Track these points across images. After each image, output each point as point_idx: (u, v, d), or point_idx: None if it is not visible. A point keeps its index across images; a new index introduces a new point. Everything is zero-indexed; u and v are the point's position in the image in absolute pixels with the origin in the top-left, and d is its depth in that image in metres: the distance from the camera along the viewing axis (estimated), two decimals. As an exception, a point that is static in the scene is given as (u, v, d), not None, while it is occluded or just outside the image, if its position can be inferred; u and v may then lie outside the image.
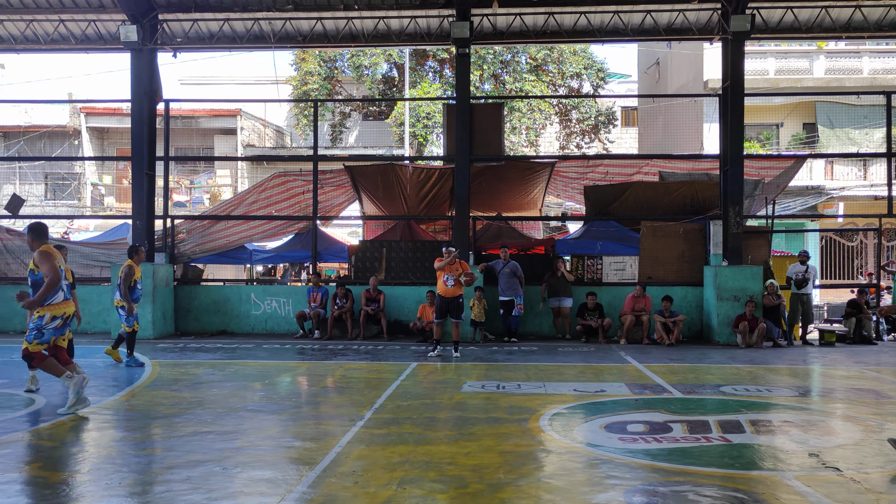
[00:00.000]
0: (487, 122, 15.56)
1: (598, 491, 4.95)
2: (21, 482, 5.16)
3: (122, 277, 11.03)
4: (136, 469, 5.46)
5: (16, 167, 29.21)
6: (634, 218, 15.85)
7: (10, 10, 15.80)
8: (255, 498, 4.79)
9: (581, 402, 8.15)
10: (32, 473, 5.38)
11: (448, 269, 12.03)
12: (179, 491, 4.90)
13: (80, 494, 4.87)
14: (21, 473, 5.36)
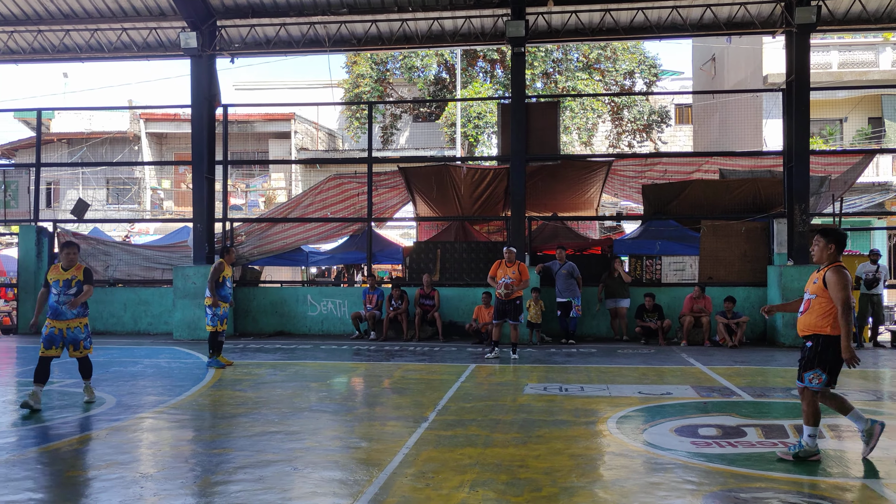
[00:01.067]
0: (543, 120, 15.42)
1: (676, 496, 4.81)
2: (99, 480, 5.25)
3: (211, 273, 10.92)
4: (209, 468, 5.52)
5: (79, 173, 30.12)
6: (694, 217, 15.51)
7: (75, 20, 16.27)
8: (328, 499, 4.79)
9: (647, 404, 7.98)
10: (109, 471, 5.47)
11: (504, 270, 11.94)
12: (254, 490, 4.92)
13: (157, 493, 4.93)
14: (98, 471, 5.46)
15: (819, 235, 5.75)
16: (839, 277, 5.48)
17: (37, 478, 5.38)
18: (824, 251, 5.70)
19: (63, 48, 16.83)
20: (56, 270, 7.84)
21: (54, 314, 7.75)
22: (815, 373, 5.58)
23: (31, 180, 17.24)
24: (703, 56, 29.84)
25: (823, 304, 5.56)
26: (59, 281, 7.74)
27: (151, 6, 15.90)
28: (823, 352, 5.56)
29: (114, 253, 17.18)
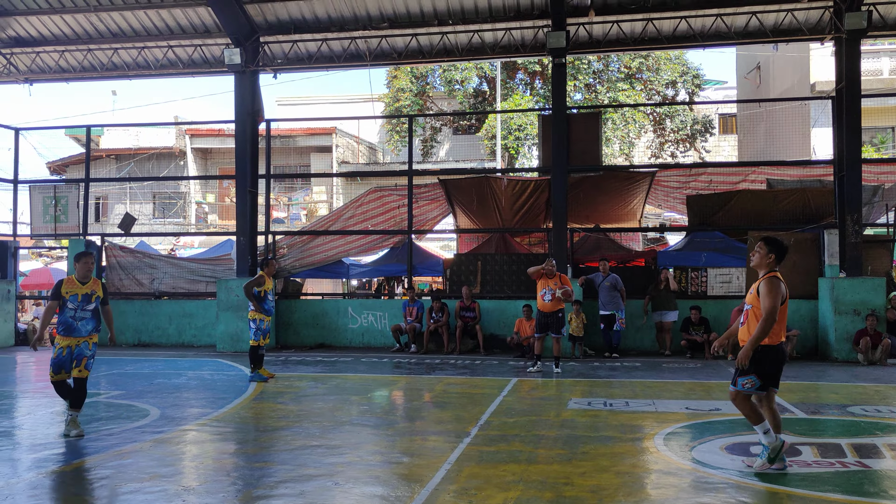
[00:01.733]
0: (584, 131, 15.26)
1: (729, 518, 4.63)
2: (143, 492, 5.26)
3: (247, 283, 10.84)
4: (250, 482, 5.50)
5: (127, 188, 30.79)
6: (741, 228, 15.16)
7: (123, 39, 16.66)
8: (370, 515, 4.72)
9: (695, 420, 7.76)
10: (152, 484, 5.48)
11: (545, 282, 11.76)
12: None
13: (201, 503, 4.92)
14: (142, 483, 5.48)
15: (762, 243, 5.77)
16: (771, 287, 5.54)
17: (82, 490, 5.42)
18: (764, 259, 5.72)
19: (111, 66, 17.24)
20: (72, 284, 7.21)
21: (67, 330, 7.11)
22: (749, 378, 5.61)
23: (81, 195, 17.64)
24: (748, 64, 29.33)
25: (760, 314, 5.57)
26: (77, 295, 7.14)
27: (197, 24, 16.20)
28: (761, 361, 5.58)
29: (159, 266, 17.46)
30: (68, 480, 5.64)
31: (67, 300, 7.11)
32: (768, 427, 5.63)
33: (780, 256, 5.71)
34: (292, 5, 15.45)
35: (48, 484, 5.53)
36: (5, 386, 10.88)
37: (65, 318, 7.11)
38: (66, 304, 7.11)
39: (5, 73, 17.28)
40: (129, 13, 16.05)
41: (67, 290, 7.16)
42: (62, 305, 7.12)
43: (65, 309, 7.11)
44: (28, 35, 16.99)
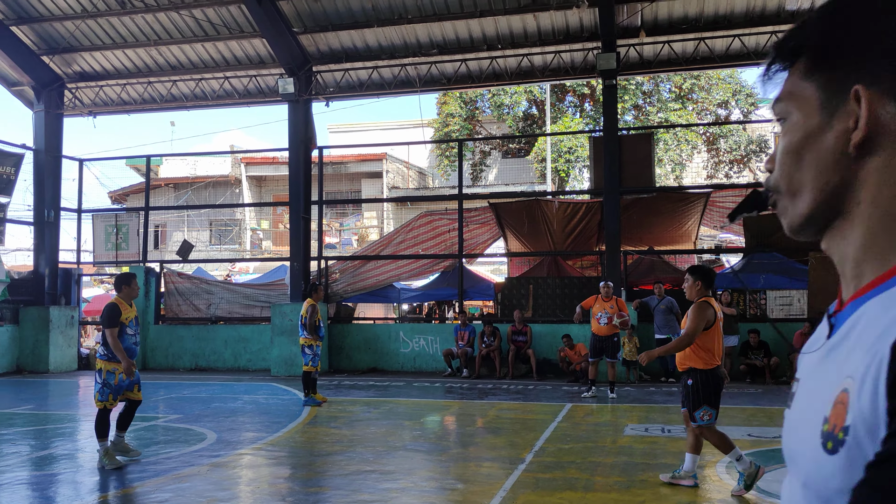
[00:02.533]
0: (636, 153, 15.11)
1: (799, 551, 4.43)
2: (200, 516, 5.31)
3: (308, 315, 10.86)
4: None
5: (184, 215, 31.59)
6: (801, 249, 14.74)
7: (182, 71, 17.20)
8: (425, 543, 4.66)
9: (759, 448, 7.50)
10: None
11: (602, 305, 11.58)
12: (350, 532, 4.86)
13: (256, 531, 4.94)
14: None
15: (688, 273, 6.05)
16: (696, 313, 5.78)
17: (142, 513, 5.49)
18: (693, 288, 5.95)
19: (170, 97, 17.79)
20: (126, 308, 7.14)
21: (132, 356, 7.11)
22: (704, 410, 5.81)
23: (141, 223, 18.16)
24: (804, 82, 28.66)
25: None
26: (133, 319, 7.20)
27: (252, 55, 16.63)
28: (705, 387, 5.80)
29: (216, 291, 17.81)
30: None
31: (127, 326, 7.11)
32: (740, 454, 5.72)
33: (708, 282, 5.94)
34: (344, 35, 15.74)
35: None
36: (69, 409, 11.17)
37: (128, 344, 7.07)
38: (126, 329, 7.08)
39: (71, 106, 17.98)
40: (188, 46, 16.59)
41: (126, 315, 7.12)
42: (121, 332, 7.05)
43: (124, 335, 7.05)
44: (92, 70, 17.67)
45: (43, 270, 17.27)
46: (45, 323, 16.46)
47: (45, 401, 12.24)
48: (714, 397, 5.82)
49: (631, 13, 14.50)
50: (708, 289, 5.92)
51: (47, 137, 17.40)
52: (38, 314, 16.57)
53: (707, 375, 5.78)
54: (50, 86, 17.38)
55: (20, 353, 16.52)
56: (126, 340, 7.06)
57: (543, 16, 14.81)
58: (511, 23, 15.07)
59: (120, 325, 7.03)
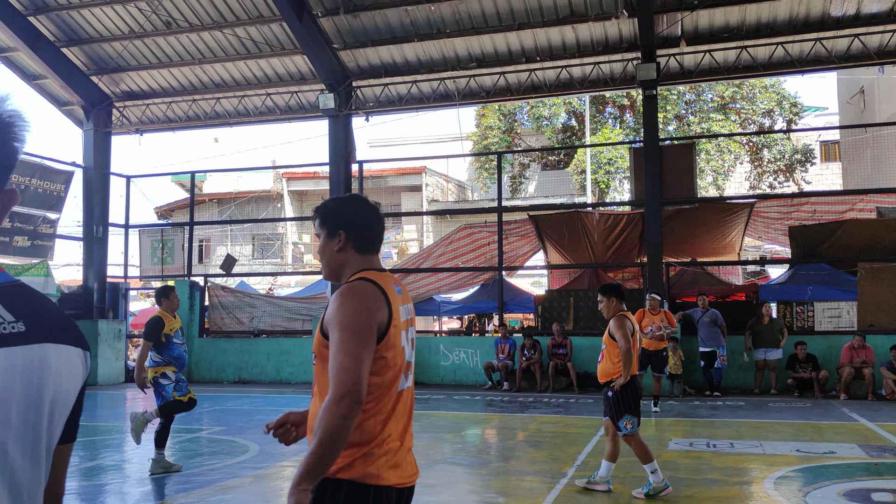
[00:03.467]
0: (678, 163, 14.93)
1: (852, 571, 4.30)
2: (244, 527, 5.36)
3: None
4: (347, 519, 5.51)
5: (228, 230, 32.12)
6: (849, 259, 14.40)
7: (225, 89, 17.55)
8: (466, 557, 4.63)
9: (808, 464, 7.31)
10: (253, 519, 5.58)
11: (650, 319, 11.36)
12: (391, 545, 4.85)
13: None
14: (243, 519, 5.58)
15: (600, 294, 6.37)
16: (617, 326, 6.08)
17: (187, 523, 5.57)
18: (608, 307, 6.25)
19: (214, 115, 18.16)
20: (170, 320, 7.31)
21: (180, 364, 7.31)
22: (626, 419, 6.02)
23: (186, 238, 18.52)
24: (851, 89, 28.09)
25: (612, 352, 6.13)
26: (179, 330, 7.39)
27: (293, 71, 16.90)
28: (624, 397, 6.05)
29: (258, 305, 18.05)
30: (174, 514, 5.81)
31: (173, 336, 7.25)
32: (657, 468, 5.97)
33: (621, 297, 6.26)
34: (383, 50, 15.91)
35: (155, 517, 5.72)
36: (116, 421, 11.40)
37: (179, 353, 7.26)
38: (172, 339, 7.23)
39: (119, 124, 18.47)
40: (231, 64, 16.93)
41: (171, 327, 7.26)
42: (167, 343, 7.18)
43: (173, 345, 7.21)
44: (139, 88, 18.14)
45: (91, 285, 17.70)
46: (93, 336, 16.85)
47: (94, 412, 12.51)
48: (635, 406, 6.09)
49: (671, 23, 14.38)
50: (622, 303, 6.26)
51: (96, 155, 17.89)
52: (87, 328, 16.96)
53: (626, 386, 6.05)
54: (99, 105, 17.88)
55: (70, 366, 16.90)
56: (175, 349, 7.23)
57: (582, 27, 14.77)
58: (549, 35, 15.06)
59: (165, 337, 7.18)
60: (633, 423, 6.03)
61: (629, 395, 6.06)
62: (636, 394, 6.11)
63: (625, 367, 6.03)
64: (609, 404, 6.16)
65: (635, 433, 6.05)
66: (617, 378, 6.07)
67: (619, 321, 6.13)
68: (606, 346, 6.22)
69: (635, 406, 6.09)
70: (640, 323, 11.16)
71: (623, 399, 6.05)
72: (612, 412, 6.10)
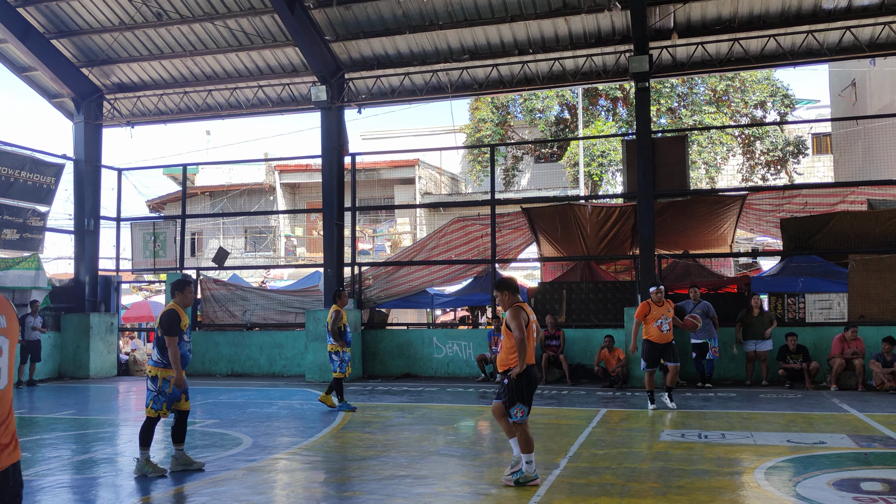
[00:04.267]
0: (670, 155, 14.94)
1: (841, 559, 4.34)
2: (237, 519, 5.37)
3: (331, 322, 10.96)
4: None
5: (220, 223, 32.04)
6: (840, 251, 14.46)
7: (217, 81, 17.46)
8: (459, 547, 4.65)
9: (798, 454, 7.36)
10: (246, 511, 5.59)
11: (658, 312, 10.62)
12: (384, 536, 4.87)
13: (291, 534, 4.97)
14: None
15: (495, 290, 6.66)
16: (512, 317, 6.25)
17: (180, 515, 5.57)
18: (503, 300, 6.45)
19: (206, 107, 18.06)
20: (182, 315, 6.90)
21: (184, 365, 6.89)
22: (518, 407, 6.19)
23: (178, 231, 18.45)
24: (842, 81, 28.17)
25: (509, 343, 6.28)
26: (189, 327, 7.00)
27: (285, 64, 16.83)
28: (518, 386, 6.20)
29: (251, 298, 18.01)
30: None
31: (184, 332, 6.86)
32: (533, 459, 6.21)
33: (513, 289, 6.45)
34: (376, 42, 15.85)
35: (148, 509, 5.72)
36: (109, 414, 11.38)
37: (183, 352, 6.84)
38: (183, 336, 6.84)
39: (110, 117, 18.36)
40: (222, 56, 16.84)
41: (183, 322, 6.85)
42: (178, 340, 6.79)
43: (182, 342, 6.82)
44: (130, 81, 18.03)
45: (83, 278, 17.63)
46: (85, 329, 16.79)
47: (86, 406, 12.49)
48: (528, 395, 6.26)
49: (663, 15, 14.38)
50: (516, 295, 6.43)
51: (87, 148, 17.79)
52: (79, 321, 16.92)
53: (521, 375, 6.20)
54: (89, 97, 17.77)
55: (62, 360, 16.88)
56: (182, 347, 6.84)
57: (574, 19, 14.75)
58: (542, 27, 15.04)
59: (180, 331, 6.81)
60: (523, 412, 6.20)
61: (523, 385, 6.22)
62: (531, 384, 6.29)
63: (520, 356, 6.17)
64: (503, 391, 6.31)
65: (524, 422, 6.23)
66: (514, 367, 6.20)
67: (514, 312, 6.28)
68: (504, 338, 6.37)
69: (528, 395, 6.27)
70: (645, 316, 10.69)
71: (517, 388, 6.20)
72: (506, 399, 6.25)
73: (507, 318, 6.30)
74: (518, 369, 6.17)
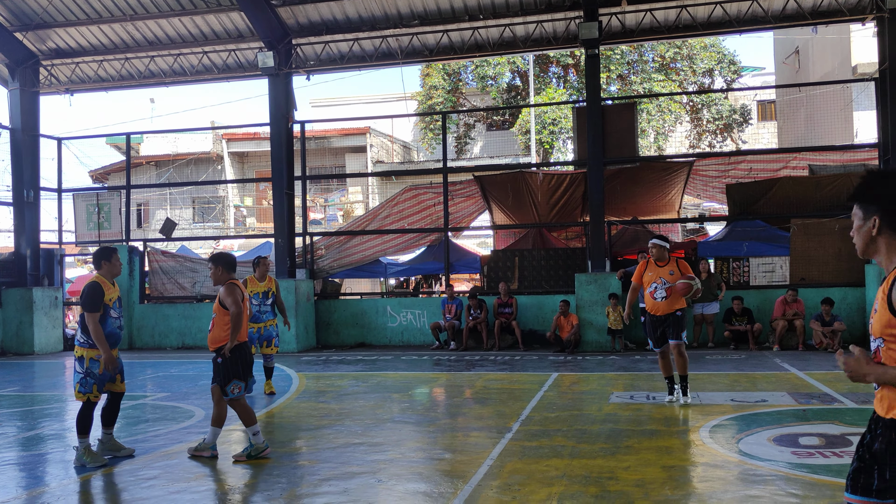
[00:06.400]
0: (619, 123, 15.09)
1: (780, 511, 4.53)
2: (189, 492, 5.34)
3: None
4: (294, 480, 5.54)
5: (167, 193, 31.33)
6: (783, 216, 14.86)
7: (160, 47, 16.94)
8: (413, 512, 4.71)
9: (741, 412, 7.62)
10: (199, 483, 5.56)
11: (655, 273, 8.14)
12: (339, 503, 4.90)
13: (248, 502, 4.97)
14: (188, 483, 5.56)
15: (210, 262, 6.58)
16: (227, 293, 6.29)
17: (132, 490, 5.51)
18: (216, 275, 6.45)
19: (149, 74, 17.54)
20: (108, 288, 6.28)
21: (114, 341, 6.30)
22: (234, 384, 6.23)
23: (122, 202, 17.99)
24: (786, 49, 28.71)
25: (222, 320, 6.30)
26: (118, 300, 6.37)
27: (230, 29, 16.40)
28: (233, 362, 6.23)
29: (200, 269, 17.71)
30: (118, 481, 5.74)
31: (111, 308, 6.25)
32: (258, 430, 6.27)
33: (228, 265, 6.47)
34: (323, 7, 15.54)
35: (99, 485, 5.64)
36: (55, 390, 11.14)
37: (111, 329, 6.26)
38: (109, 312, 6.23)
39: (47, 84, 17.70)
40: (165, 21, 16.32)
41: (109, 295, 6.25)
42: (102, 316, 6.17)
43: (108, 318, 6.22)
44: (67, 46, 17.37)
45: (24, 251, 17.10)
46: (28, 304, 16.33)
47: (31, 382, 12.20)
48: (243, 371, 6.31)
49: (613, -19, 14.40)
50: (230, 272, 6.46)
51: (23, 116, 17.14)
52: (21, 296, 16.43)
53: (235, 350, 6.24)
54: (24, 63, 17.07)
55: (4, 336, 16.41)
56: (109, 325, 6.22)
57: (525, -15, 14.67)
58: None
59: (102, 307, 6.16)
60: (240, 388, 6.24)
61: (238, 361, 6.26)
62: (245, 359, 6.34)
63: (233, 331, 6.17)
64: (217, 371, 6.30)
65: (241, 398, 6.26)
66: (225, 344, 6.21)
67: (230, 289, 6.31)
68: (217, 315, 6.35)
69: (244, 371, 6.31)
70: (642, 277, 8.28)
71: (231, 364, 6.23)
72: (221, 378, 6.24)
73: (223, 294, 6.30)
74: (230, 344, 6.19)
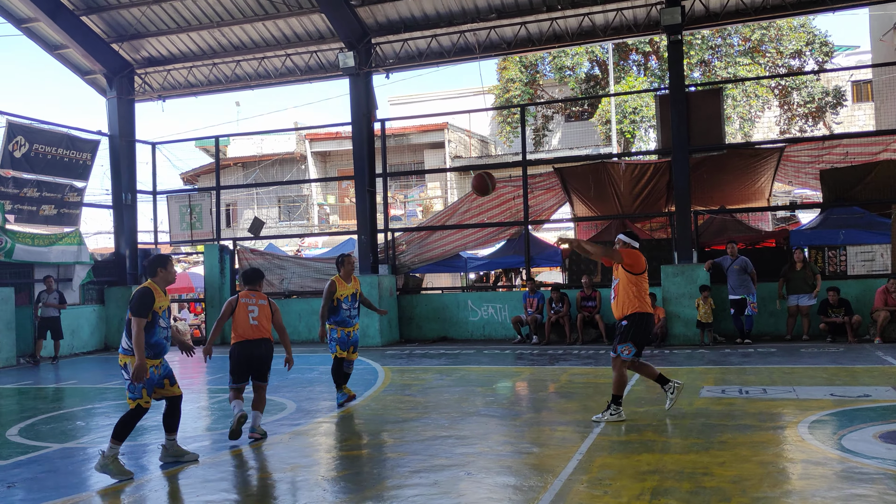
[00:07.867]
0: (705, 109, 14.64)
1: (889, 511, 4.32)
2: (285, 482, 5.50)
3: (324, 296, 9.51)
4: (384, 472, 5.64)
5: (254, 193, 32.32)
6: (883, 201, 14.13)
7: (245, 51, 17.47)
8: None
9: (842, 408, 7.29)
10: (294, 474, 5.72)
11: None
12: (430, 495, 4.95)
13: (337, 495, 5.08)
14: (284, 474, 5.73)
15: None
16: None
17: (230, 479, 5.73)
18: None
19: (235, 78, 18.11)
20: (159, 296, 6.05)
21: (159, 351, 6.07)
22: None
23: (213, 203, 18.66)
24: (883, 25, 27.19)
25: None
26: (166, 310, 6.16)
27: (311, 31, 16.76)
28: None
29: (288, 266, 18.20)
30: (217, 471, 5.97)
31: (160, 316, 6.04)
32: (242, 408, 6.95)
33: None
34: (401, 5, 15.68)
35: (199, 473, 5.88)
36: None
37: (158, 339, 6.04)
38: (158, 320, 6.01)
39: (141, 91, 18.51)
40: (249, 26, 16.82)
41: (159, 303, 6.03)
42: (150, 324, 5.94)
43: (156, 327, 5.99)
44: (159, 54, 18.12)
45: (123, 252, 17.98)
46: (127, 302, 17.13)
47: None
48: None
49: (695, -36, 13.98)
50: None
51: (121, 123, 17.99)
52: (122, 294, 17.28)
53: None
54: (120, 72, 17.91)
55: (107, 332, 17.31)
56: (157, 334, 6.00)
57: (604, -27, 14.41)
58: (570, -18, 14.72)
59: (151, 315, 5.92)
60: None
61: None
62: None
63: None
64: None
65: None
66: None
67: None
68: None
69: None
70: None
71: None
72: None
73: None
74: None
